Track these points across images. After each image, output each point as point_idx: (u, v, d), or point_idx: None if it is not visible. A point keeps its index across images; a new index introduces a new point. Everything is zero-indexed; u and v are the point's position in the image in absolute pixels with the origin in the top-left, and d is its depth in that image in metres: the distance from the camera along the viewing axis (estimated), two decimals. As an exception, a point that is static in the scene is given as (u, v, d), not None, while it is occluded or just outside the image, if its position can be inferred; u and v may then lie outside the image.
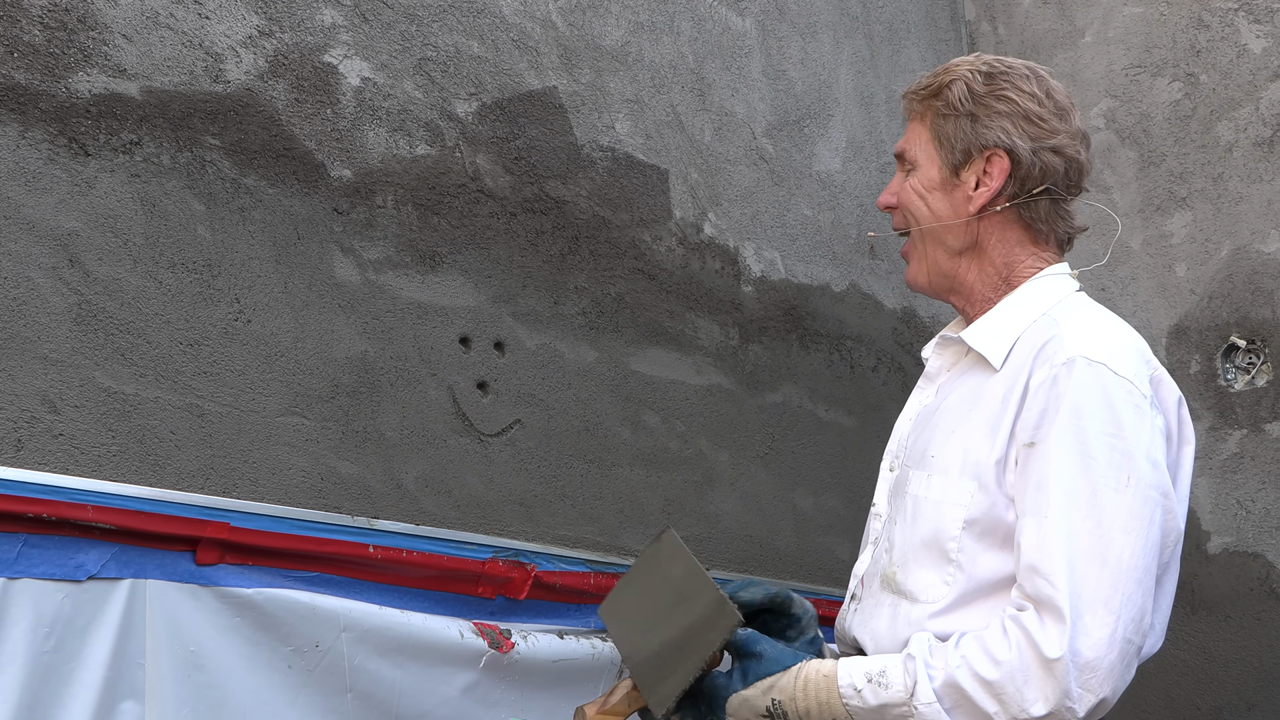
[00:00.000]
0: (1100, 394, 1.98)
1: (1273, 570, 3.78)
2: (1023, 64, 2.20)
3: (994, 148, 2.13)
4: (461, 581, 2.59)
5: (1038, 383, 2.01)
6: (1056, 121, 2.16)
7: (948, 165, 2.17)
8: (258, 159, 2.38)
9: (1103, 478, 1.96)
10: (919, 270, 2.25)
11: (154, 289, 2.22)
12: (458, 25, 2.73)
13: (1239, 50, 3.95)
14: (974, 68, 2.18)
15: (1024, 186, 2.15)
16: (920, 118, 2.21)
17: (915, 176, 2.21)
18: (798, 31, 3.62)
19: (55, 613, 2.05)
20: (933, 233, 2.19)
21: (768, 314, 3.40)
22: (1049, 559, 1.93)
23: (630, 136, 3.08)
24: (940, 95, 2.18)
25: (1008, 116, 2.14)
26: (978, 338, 2.14)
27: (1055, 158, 2.15)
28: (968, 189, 2.16)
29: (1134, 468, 1.97)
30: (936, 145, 2.17)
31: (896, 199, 2.24)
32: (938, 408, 2.17)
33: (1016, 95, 2.14)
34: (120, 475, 2.15)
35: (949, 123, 2.16)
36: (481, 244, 2.73)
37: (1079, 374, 1.98)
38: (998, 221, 2.17)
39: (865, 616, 2.17)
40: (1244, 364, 3.88)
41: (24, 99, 2.08)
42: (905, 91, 2.25)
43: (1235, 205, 3.92)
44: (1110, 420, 1.97)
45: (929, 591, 2.07)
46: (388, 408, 2.54)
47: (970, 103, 2.15)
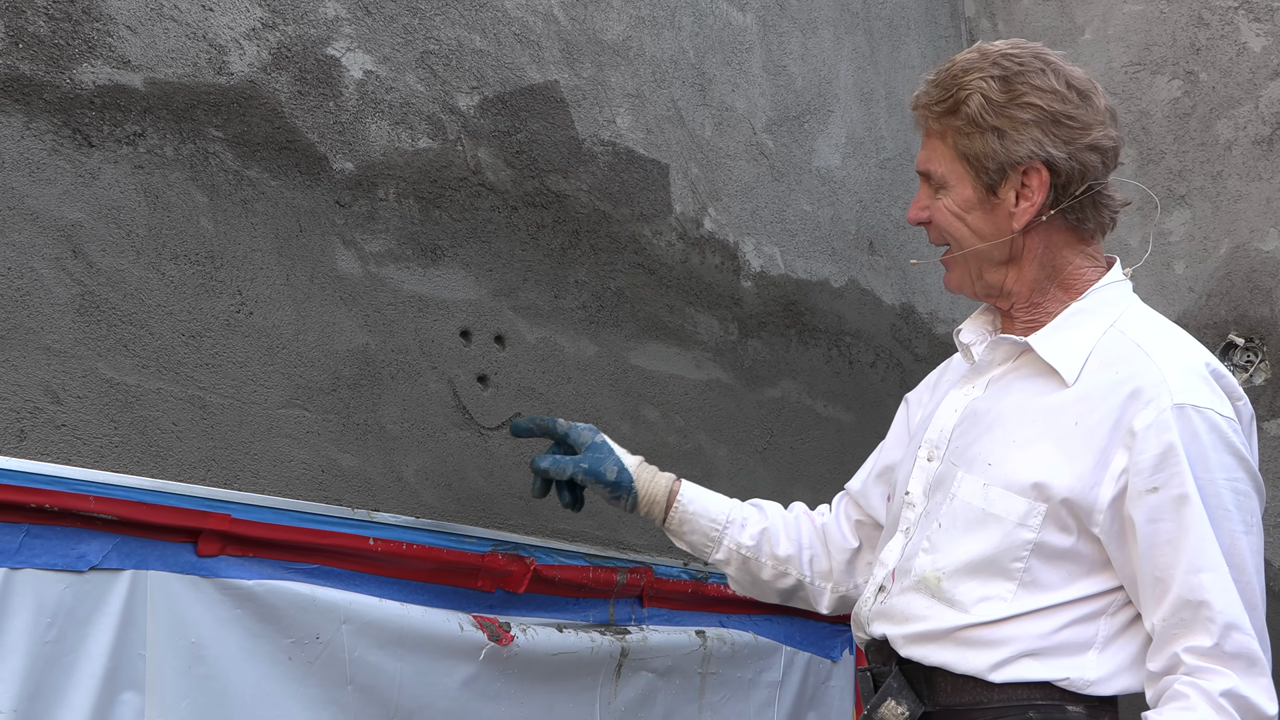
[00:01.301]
0: (1216, 440, 1.98)
1: (1270, 568, 3.79)
2: (1031, 55, 2.09)
3: (1029, 161, 2.05)
4: (461, 574, 2.60)
5: (1145, 425, 1.97)
6: (1085, 113, 2.07)
7: (982, 185, 2.07)
8: (260, 151, 2.38)
9: (1237, 525, 1.97)
10: (962, 282, 2.18)
11: (157, 280, 2.22)
12: (460, 19, 2.74)
13: (1239, 48, 3.96)
14: (985, 74, 2.06)
15: (1066, 190, 2.06)
16: (939, 136, 2.10)
17: (948, 196, 2.11)
18: (798, 27, 3.63)
19: (57, 603, 2.05)
20: (975, 251, 2.14)
21: (767, 309, 3.41)
22: (1238, 612, 1.93)
23: (631, 131, 3.09)
24: (958, 112, 2.07)
25: (1036, 125, 2.04)
26: (1050, 350, 2.07)
27: (1092, 155, 2.07)
28: (1008, 205, 2.07)
29: (1253, 507, 2.00)
30: (965, 165, 2.07)
31: (929, 215, 2.17)
32: (991, 408, 2.11)
33: (1039, 99, 2.04)
34: (122, 466, 2.15)
35: (974, 141, 2.06)
36: (482, 238, 2.74)
37: (1193, 422, 1.97)
38: (1043, 230, 2.09)
39: (895, 615, 2.14)
40: (1242, 362, 3.89)
41: (29, 90, 2.08)
42: (915, 103, 2.13)
43: (1234, 203, 3.93)
44: (1231, 465, 1.98)
45: (982, 606, 2.04)
46: (388, 400, 2.54)
47: (993, 116, 2.04)
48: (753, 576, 2.47)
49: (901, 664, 2.11)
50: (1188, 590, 1.94)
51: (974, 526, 2.06)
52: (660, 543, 3.05)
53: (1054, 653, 2.02)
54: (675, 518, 2.45)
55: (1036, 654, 2.02)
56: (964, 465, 2.09)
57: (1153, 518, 1.96)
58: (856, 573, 2.46)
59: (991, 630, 2.03)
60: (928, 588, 2.08)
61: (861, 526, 2.47)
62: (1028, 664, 2.02)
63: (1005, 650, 2.02)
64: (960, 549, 2.06)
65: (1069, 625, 2.02)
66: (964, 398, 2.17)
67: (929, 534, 2.11)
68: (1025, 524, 2.02)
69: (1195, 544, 1.94)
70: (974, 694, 2.04)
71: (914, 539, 2.14)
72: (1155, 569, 1.96)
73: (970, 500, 2.07)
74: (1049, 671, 2.01)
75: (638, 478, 2.45)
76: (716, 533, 2.45)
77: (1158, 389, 1.98)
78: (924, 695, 2.08)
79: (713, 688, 3.03)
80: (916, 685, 2.09)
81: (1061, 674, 2.01)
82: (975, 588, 2.04)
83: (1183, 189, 4.01)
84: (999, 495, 2.04)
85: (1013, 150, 2.05)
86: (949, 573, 2.06)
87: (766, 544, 2.45)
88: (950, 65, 2.12)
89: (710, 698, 3.03)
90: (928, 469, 2.17)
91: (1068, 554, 2.01)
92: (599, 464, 2.44)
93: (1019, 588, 2.02)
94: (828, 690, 3.32)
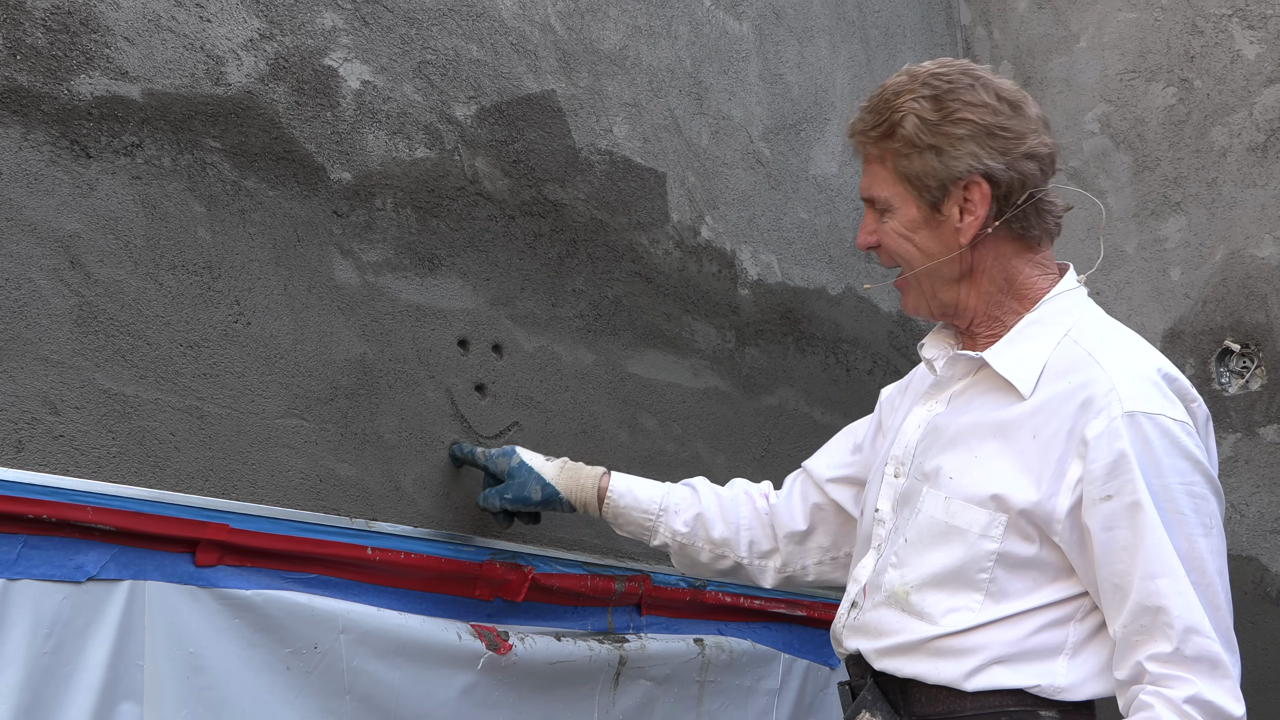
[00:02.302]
0: (1168, 445, 1.98)
1: (1267, 574, 3.79)
2: (960, 71, 2.11)
3: (969, 175, 2.08)
4: (459, 583, 2.60)
5: (1096, 434, 1.99)
6: (1018, 123, 2.09)
7: (925, 203, 2.10)
8: (258, 161, 2.39)
9: (1194, 528, 1.97)
10: (919, 304, 2.21)
11: (154, 291, 2.22)
12: (457, 29, 2.74)
13: (1233, 56, 3.97)
14: (917, 94, 2.08)
15: (1008, 201, 2.09)
16: (878, 160, 2.13)
17: (894, 219, 2.13)
18: (794, 36, 3.64)
19: (55, 614, 2.05)
20: (927, 270, 2.16)
21: (764, 317, 3.41)
22: (1197, 616, 1.93)
23: (628, 140, 3.09)
24: (894, 135, 2.09)
25: (971, 139, 2.07)
26: (1005, 364, 2.10)
27: (1029, 163, 2.10)
28: (953, 222, 2.10)
29: (1211, 509, 2.01)
30: (907, 185, 2.10)
31: (877, 239, 2.19)
32: (952, 423, 2.14)
33: (972, 113, 2.07)
34: (120, 476, 2.16)
35: (913, 161, 2.09)
36: (480, 247, 2.74)
37: (1143, 429, 1.98)
38: (990, 242, 2.12)
39: (868, 629, 2.16)
40: (1238, 368, 3.90)
41: (26, 101, 2.09)
42: (851, 131, 2.16)
43: (1229, 210, 3.94)
44: (1185, 469, 1.98)
45: (950, 617, 2.07)
46: (386, 410, 2.55)
47: (929, 135, 2.07)
48: (691, 560, 2.55)
49: (876, 676, 2.13)
50: (1145, 596, 1.95)
51: (938, 540, 2.08)
52: (658, 551, 3.06)
53: (1024, 659, 2.04)
54: (608, 513, 2.55)
55: (1007, 661, 2.04)
56: (927, 481, 2.12)
57: (1108, 525, 1.98)
58: (807, 555, 2.50)
59: (961, 639, 2.05)
60: (897, 602, 2.11)
61: (819, 511, 2.50)
62: (999, 671, 2.04)
63: (976, 659, 2.05)
64: (926, 562, 2.09)
65: (1038, 631, 2.05)
66: (927, 413, 2.20)
67: (896, 549, 2.13)
68: (987, 535, 2.05)
69: (1150, 550, 1.95)
70: (948, 703, 2.07)
71: (884, 555, 2.17)
72: (1114, 576, 1.98)
73: (934, 514, 2.10)
74: (1021, 678, 2.04)
75: (562, 486, 2.55)
76: (650, 521, 2.53)
77: (1108, 397, 2.00)
78: (899, 707, 2.11)
79: (711, 696, 3.03)
80: (892, 697, 2.12)
81: (1033, 680, 2.03)
82: (943, 599, 2.07)
83: (1178, 196, 4.01)
84: (960, 508, 2.07)
85: (951, 166, 2.08)
86: (916, 586, 2.09)
87: (701, 528, 2.52)
88: (882, 90, 2.15)
89: (708, 706, 3.03)
90: (895, 485, 2.20)
91: (1032, 562, 2.04)
92: (522, 490, 2.54)
93: (985, 597, 2.05)
94: (826, 698, 3.32)
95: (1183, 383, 2.07)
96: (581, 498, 2.55)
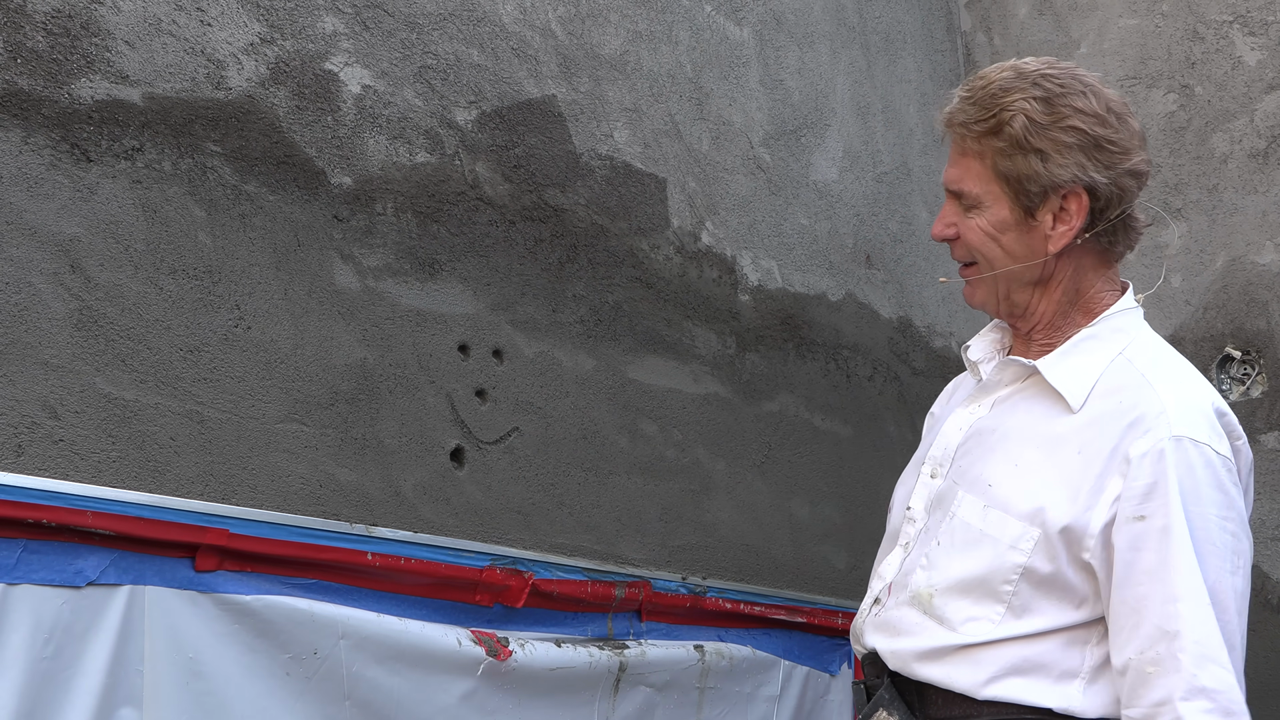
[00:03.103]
0: (1210, 477, 1.94)
1: (1268, 581, 3.79)
2: (1070, 75, 2.05)
3: (1071, 185, 2.02)
4: (459, 589, 2.59)
5: (1140, 452, 1.95)
6: (1124, 137, 2.04)
7: (1020, 206, 2.04)
8: (259, 166, 2.38)
9: (1224, 562, 1.93)
10: (987, 300, 2.16)
11: (155, 295, 2.22)
12: (458, 33, 2.74)
13: (1234, 62, 3.97)
14: (1027, 94, 2.02)
15: (1103, 215, 2.03)
16: (977, 155, 2.06)
17: (982, 216, 2.08)
18: (795, 41, 3.63)
19: (54, 619, 2.05)
20: (1007, 272, 2.13)
21: (764, 323, 3.41)
22: (1216, 647, 1.90)
23: (629, 145, 3.09)
24: (1000, 133, 2.03)
25: (1080, 149, 2.01)
26: (1058, 375, 2.06)
27: (1130, 179, 2.04)
28: (1045, 228, 2.04)
29: (1241, 547, 1.96)
30: (1004, 185, 2.04)
31: (957, 232, 2.15)
32: (995, 429, 2.11)
33: (1083, 122, 2.01)
34: (120, 481, 2.15)
35: (1016, 162, 2.02)
36: (480, 252, 2.74)
37: (1189, 455, 1.94)
38: (1075, 253, 2.07)
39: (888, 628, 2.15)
40: (1239, 375, 3.90)
41: (27, 105, 2.08)
42: (949, 120, 2.09)
43: (1230, 216, 3.93)
44: (1222, 503, 1.94)
45: (970, 625, 2.04)
46: (387, 415, 2.54)
47: (1037, 138, 2.01)
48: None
49: (893, 676, 2.12)
50: (1164, 619, 1.90)
51: (969, 546, 2.06)
52: (659, 557, 3.05)
53: (1041, 675, 2.02)
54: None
55: (1024, 673, 2.02)
56: (965, 485, 2.10)
57: (1135, 545, 1.94)
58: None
59: (978, 651, 2.03)
60: (920, 603, 2.09)
61: None
62: (1015, 683, 2.02)
63: (992, 669, 2.03)
64: (954, 567, 2.07)
65: (1054, 650, 2.02)
66: (970, 416, 2.17)
67: (927, 551, 2.11)
68: (1017, 547, 2.02)
69: (1176, 574, 1.91)
70: (963, 708, 2.05)
71: (912, 554, 2.15)
72: (1131, 599, 1.93)
73: (969, 520, 2.07)
74: (1037, 695, 2.01)
75: None
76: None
77: (1158, 419, 1.98)
78: (915, 707, 2.09)
79: (711, 702, 3.03)
80: (908, 697, 2.10)
81: (1049, 701, 2.01)
82: (965, 606, 2.05)
83: (1179, 202, 4.01)
84: (997, 518, 2.04)
85: (1056, 173, 2.03)
86: (941, 589, 2.07)
87: None
88: (986, 84, 2.09)
89: (708, 712, 3.02)
90: (930, 486, 2.17)
91: (1056, 582, 2.01)
92: None
93: (1007, 611, 2.02)
94: (825, 704, 3.31)
95: (1231, 419, 2.05)
96: None
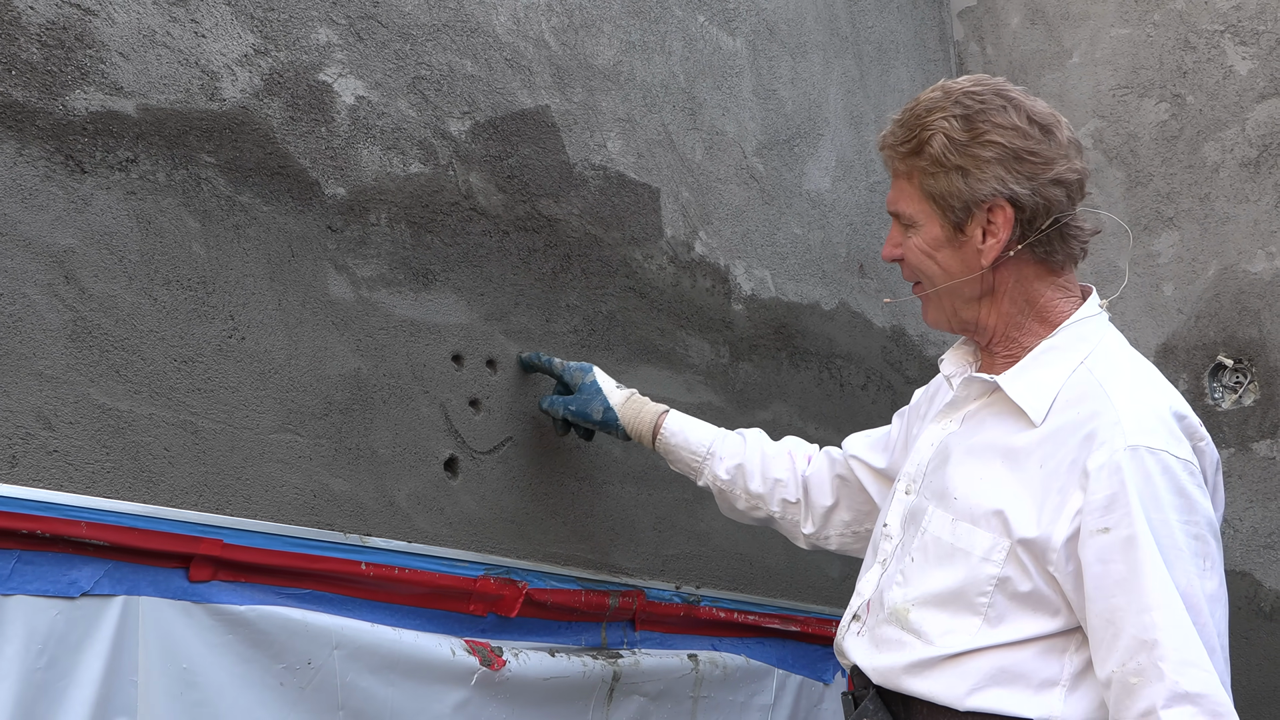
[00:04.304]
0: (1169, 483, 1.95)
1: (1260, 589, 3.80)
2: (993, 91, 2.09)
3: (993, 199, 2.06)
4: (453, 599, 2.60)
5: (1097, 465, 1.96)
6: (1047, 148, 2.07)
7: (949, 223, 2.09)
8: (253, 176, 2.39)
9: (1192, 566, 1.93)
10: (939, 319, 2.20)
11: (149, 306, 2.22)
12: (451, 44, 2.75)
13: (1225, 71, 3.98)
14: (948, 113, 2.07)
15: (1032, 225, 2.07)
16: (906, 176, 2.12)
17: (918, 235, 2.13)
18: (788, 51, 3.64)
19: (48, 629, 2.05)
20: (948, 289, 2.15)
21: (758, 332, 3.42)
22: (1196, 651, 1.88)
23: (622, 155, 3.10)
24: (922, 153, 2.08)
25: (998, 162, 2.05)
26: (1018, 390, 2.08)
27: (1056, 189, 2.08)
28: (975, 243, 2.09)
29: (1209, 549, 1.96)
30: (932, 204, 2.09)
31: (902, 253, 2.19)
32: (963, 445, 2.13)
33: (1001, 136, 2.05)
34: (114, 492, 2.15)
35: (939, 180, 2.07)
36: (474, 262, 2.74)
37: (1145, 463, 1.95)
38: (1012, 265, 2.10)
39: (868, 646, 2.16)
40: (1231, 383, 3.91)
41: (21, 116, 2.09)
42: (881, 144, 2.15)
43: (1222, 225, 3.95)
44: (1184, 507, 1.94)
45: (946, 638, 2.05)
46: (381, 425, 2.54)
47: (956, 155, 2.05)
48: (730, 505, 2.67)
49: (880, 688, 2.13)
50: (1140, 630, 1.90)
51: (942, 560, 2.08)
52: (652, 566, 3.05)
53: (1021, 685, 2.02)
54: (660, 447, 2.70)
55: (1002, 684, 2.02)
56: (935, 500, 2.12)
57: (1103, 558, 1.94)
58: (830, 526, 2.59)
59: (956, 662, 2.04)
60: (897, 619, 2.10)
61: (843, 484, 2.57)
62: (997, 694, 2.03)
63: (972, 680, 2.03)
64: (929, 581, 2.08)
65: (1033, 659, 2.02)
66: (941, 432, 2.19)
67: (903, 567, 2.13)
68: (989, 559, 2.03)
69: (1146, 583, 1.91)
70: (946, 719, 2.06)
71: (889, 570, 2.16)
72: (1106, 611, 1.93)
73: (939, 535, 2.09)
74: (1018, 706, 2.02)
75: (623, 415, 2.69)
76: (697, 463, 2.66)
77: (1112, 430, 1.98)
78: (900, 718, 2.10)
79: (705, 711, 3.03)
80: (894, 708, 2.11)
81: (1031, 711, 2.01)
82: (942, 620, 2.06)
83: (1171, 211, 4.02)
84: (966, 530, 2.06)
85: (976, 188, 2.06)
86: (917, 603, 2.08)
87: (741, 478, 2.62)
88: (914, 105, 2.14)
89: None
90: (905, 501, 2.19)
91: (1031, 596, 2.02)
92: (586, 405, 2.70)
93: (983, 622, 2.03)
94: (820, 713, 3.31)
95: (1192, 421, 2.05)
96: (638, 429, 2.69)
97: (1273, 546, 3.81)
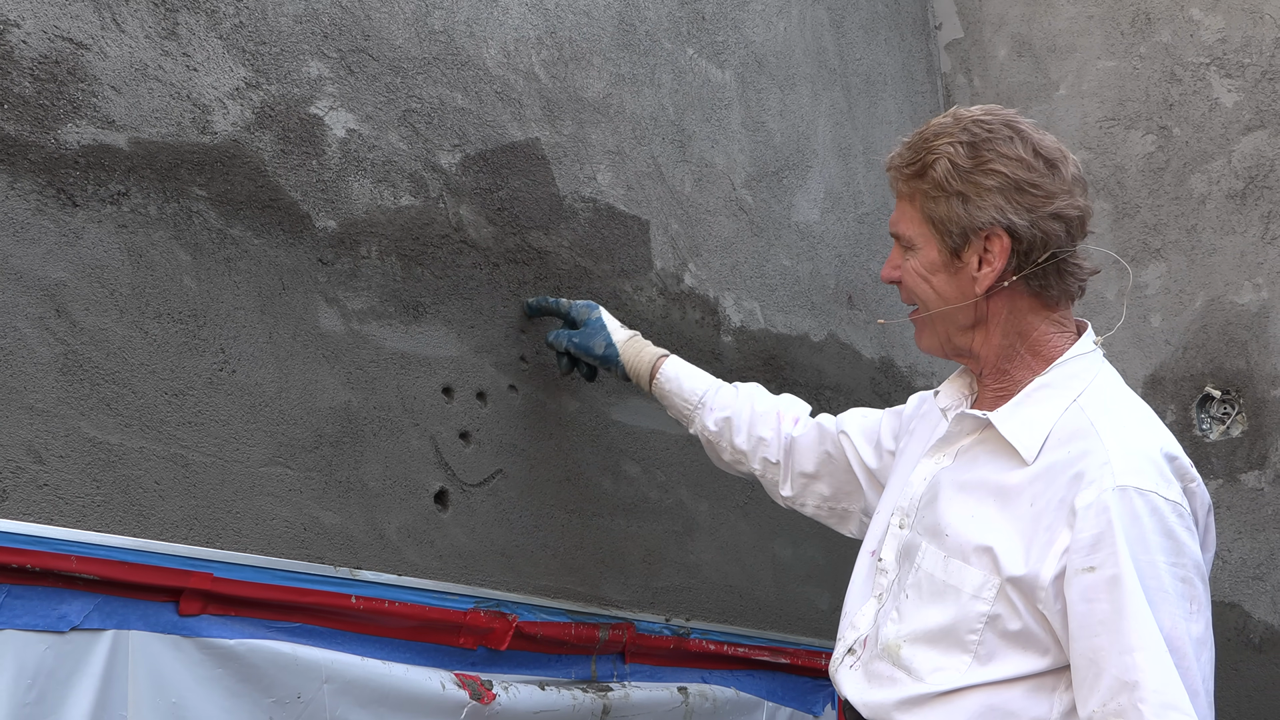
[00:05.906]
0: (1157, 524, 1.93)
1: (1249, 620, 3.80)
2: (1002, 122, 2.11)
3: (991, 227, 2.07)
4: (443, 632, 2.59)
5: (1085, 504, 1.95)
6: (1050, 182, 2.08)
7: (946, 248, 2.10)
8: (244, 209, 2.39)
9: (1177, 608, 1.91)
10: (931, 343, 2.21)
11: (140, 339, 2.22)
12: (442, 77, 2.75)
13: (1211, 104, 4.00)
14: (955, 139, 2.08)
15: (1028, 258, 2.08)
16: (909, 198, 2.14)
17: (915, 258, 2.14)
18: (776, 84, 3.66)
19: (38, 664, 2.04)
20: (941, 314, 2.16)
21: (747, 364, 3.42)
22: (1176, 694, 1.87)
23: (612, 187, 3.10)
24: (925, 176, 2.09)
25: (999, 191, 2.06)
26: (1011, 428, 2.08)
27: (1055, 223, 2.08)
28: (971, 270, 2.09)
29: (1195, 592, 1.94)
30: (931, 228, 2.10)
31: (900, 275, 2.20)
32: (956, 481, 2.13)
33: (1004, 165, 2.06)
34: (104, 525, 2.15)
35: (939, 205, 2.08)
36: (464, 294, 2.75)
37: (1133, 504, 1.94)
38: (1006, 295, 2.11)
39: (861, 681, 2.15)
40: (1219, 414, 3.92)
41: (13, 150, 2.09)
42: (888, 165, 2.17)
43: (1209, 257, 3.96)
44: (1172, 549, 1.93)
45: (936, 675, 2.05)
46: (371, 458, 2.54)
47: (958, 181, 2.07)
48: (716, 456, 2.73)
49: None
50: (1121, 670, 1.89)
51: (935, 598, 2.07)
52: (642, 598, 3.05)
53: None
54: (656, 391, 2.76)
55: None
56: (927, 536, 2.11)
57: (1087, 597, 1.93)
58: (807, 496, 2.64)
59: (947, 699, 2.03)
60: (889, 655, 2.10)
61: (829, 460, 2.60)
62: None
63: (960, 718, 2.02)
64: (921, 618, 2.08)
65: (1020, 699, 2.01)
66: (934, 466, 2.18)
67: (898, 604, 2.13)
68: (980, 596, 2.02)
69: (1130, 624, 1.89)
70: None
71: (885, 606, 2.16)
72: (1089, 651, 1.92)
73: (932, 572, 2.08)
74: None
75: (624, 353, 2.76)
76: (688, 410, 2.73)
77: (1101, 469, 1.97)
78: None
79: (695, 744, 3.02)
80: None
81: None
82: (933, 657, 2.05)
83: (1158, 243, 4.04)
84: (957, 567, 2.05)
85: (975, 215, 2.07)
86: (908, 640, 2.08)
87: (728, 432, 2.68)
88: (925, 129, 2.15)
89: (692, 754, 3.01)
90: (899, 536, 2.18)
91: (1021, 633, 2.01)
92: (589, 339, 2.77)
93: (973, 660, 2.02)
94: (809, 745, 3.31)
95: (1183, 462, 2.04)
96: (637, 369, 2.75)
97: (1261, 578, 3.81)
